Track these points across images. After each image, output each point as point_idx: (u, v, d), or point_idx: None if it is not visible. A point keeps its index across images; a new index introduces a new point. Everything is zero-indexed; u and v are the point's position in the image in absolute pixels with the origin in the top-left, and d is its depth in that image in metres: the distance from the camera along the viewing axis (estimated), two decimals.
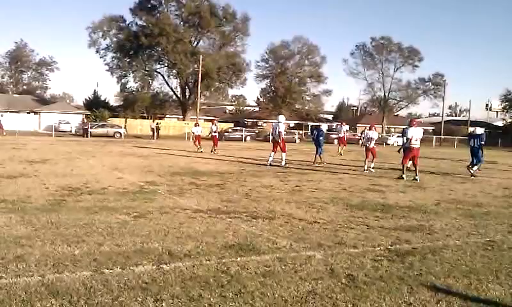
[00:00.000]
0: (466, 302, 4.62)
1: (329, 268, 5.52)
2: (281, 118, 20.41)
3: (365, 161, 19.24)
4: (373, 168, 18.84)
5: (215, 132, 29.13)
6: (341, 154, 28.65)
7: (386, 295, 4.74)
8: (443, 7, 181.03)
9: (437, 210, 9.99)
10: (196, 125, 32.98)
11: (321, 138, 22.65)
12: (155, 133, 49.76)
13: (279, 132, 19.62)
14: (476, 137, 18.31)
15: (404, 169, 16.24)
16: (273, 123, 20.57)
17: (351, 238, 7.10)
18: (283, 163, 19.41)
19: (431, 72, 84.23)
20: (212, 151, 27.72)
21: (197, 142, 29.83)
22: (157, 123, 52.60)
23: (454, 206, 10.47)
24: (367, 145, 19.65)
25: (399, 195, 12.06)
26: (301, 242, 6.73)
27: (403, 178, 15.68)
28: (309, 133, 23.50)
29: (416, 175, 15.84)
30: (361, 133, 28.68)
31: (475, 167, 18.09)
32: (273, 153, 19.82)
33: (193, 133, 31.51)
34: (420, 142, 16.33)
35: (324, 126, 23.80)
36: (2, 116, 49.52)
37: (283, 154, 19.67)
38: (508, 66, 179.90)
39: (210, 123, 32.13)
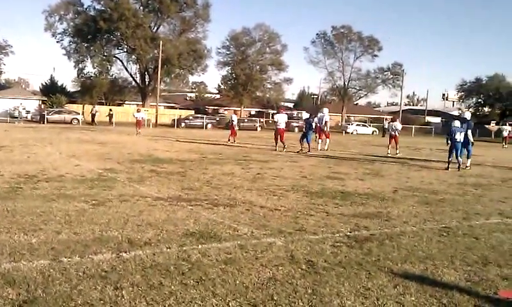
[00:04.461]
0: (422, 287, 4.74)
1: (290, 255, 5.58)
2: (326, 110, 24.68)
3: (388, 146, 23.11)
4: (398, 153, 22.72)
5: (234, 121, 30.01)
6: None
7: (345, 280, 4.82)
8: None
9: (394, 197, 10.21)
10: (139, 110, 37.05)
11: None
12: (94, 120, 49.03)
13: (325, 122, 23.33)
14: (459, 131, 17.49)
15: (276, 145, 22.18)
16: (318, 115, 24.34)
17: (311, 225, 7.19)
18: (326, 147, 23.23)
19: (390, 62, 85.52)
20: (229, 140, 27.96)
21: (138, 127, 33.29)
22: (95, 110, 51.29)
23: (410, 194, 10.72)
24: (392, 134, 23.71)
25: (358, 183, 12.26)
26: (262, 229, 6.78)
27: (275, 150, 21.61)
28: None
29: (285, 148, 21.71)
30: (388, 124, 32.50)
31: None
32: (320, 140, 23.58)
33: (136, 118, 34.59)
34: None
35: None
36: None
37: (327, 140, 23.48)
38: (464, 56, 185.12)
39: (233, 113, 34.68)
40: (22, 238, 5.73)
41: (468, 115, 18.74)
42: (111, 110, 52.70)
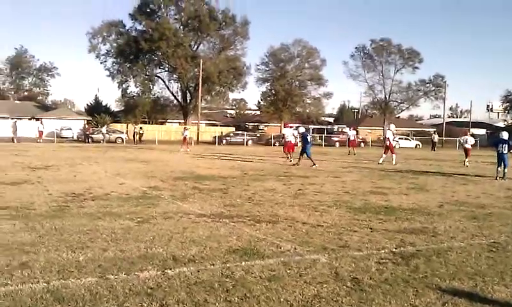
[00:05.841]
0: (472, 304, 4.61)
1: (334, 272, 5.52)
2: (392, 126, 26.12)
3: (465, 158, 25.55)
4: (468, 162, 24.97)
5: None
6: (354, 154, 34.34)
7: (392, 298, 4.73)
8: (442, 8, 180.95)
9: (440, 212, 9.98)
10: (185, 128, 39.53)
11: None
12: (136, 138, 49.83)
13: (386, 138, 24.92)
14: (503, 142, 17.71)
15: (286, 154, 24.83)
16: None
17: (355, 241, 7.10)
18: (393, 162, 23.94)
19: (432, 73, 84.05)
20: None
21: (184, 146, 34.97)
22: (140, 128, 52.41)
23: (457, 208, 10.46)
24: (465, 146, 26.15)
25: (402, 197, 12.05)
26: (305, 245, 6.73)
27: (291, 161, 23.56)
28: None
29: (291, 159, 23.92)
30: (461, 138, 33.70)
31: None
32: (384, 155, 24.72)
33: (184, 136, 36.82)
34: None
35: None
36: (41, 122, 49.04)
37: (394, 155, 24.50)
38: (509, 67, 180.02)
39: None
40: (70, 256, 5.87)
41: None
42: (141, 128, 53.40)
